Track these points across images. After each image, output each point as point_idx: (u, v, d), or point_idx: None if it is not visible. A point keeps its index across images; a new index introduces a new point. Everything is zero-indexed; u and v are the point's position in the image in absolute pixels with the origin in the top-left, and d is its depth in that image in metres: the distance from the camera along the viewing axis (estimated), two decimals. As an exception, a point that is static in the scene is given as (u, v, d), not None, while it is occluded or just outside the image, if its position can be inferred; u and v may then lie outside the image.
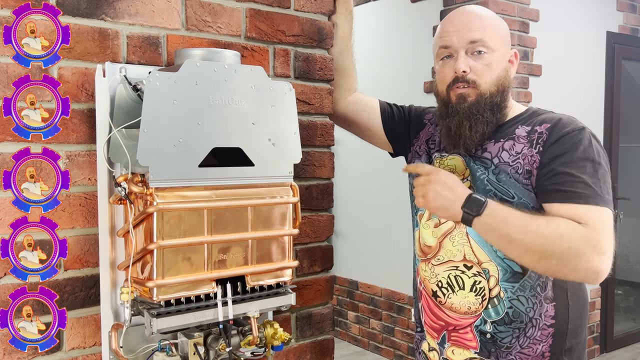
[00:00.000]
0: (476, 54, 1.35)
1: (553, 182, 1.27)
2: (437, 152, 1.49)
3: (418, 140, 1.58)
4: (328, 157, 1.56)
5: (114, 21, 1.21)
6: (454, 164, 1.43)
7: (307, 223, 1.50)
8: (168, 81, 1.07)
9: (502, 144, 1.36)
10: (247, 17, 1.39)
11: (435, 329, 1.47)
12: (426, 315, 1.50)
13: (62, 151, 1.16)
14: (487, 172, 1.35)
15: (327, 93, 1.56)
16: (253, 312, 1.16)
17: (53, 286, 1.16)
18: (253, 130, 1.17)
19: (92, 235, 1.20)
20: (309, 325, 1.54)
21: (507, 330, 1.36)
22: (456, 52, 1.37)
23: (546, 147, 1.30)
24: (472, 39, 1.35)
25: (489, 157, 1.37)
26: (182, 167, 1.08)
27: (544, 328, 1.36)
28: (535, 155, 1.31)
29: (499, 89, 1.37)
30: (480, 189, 1.35)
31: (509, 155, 1.34)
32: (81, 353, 1.20)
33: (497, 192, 1.33)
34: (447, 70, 1.39)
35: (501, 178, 1.33)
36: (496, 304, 1.36)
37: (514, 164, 1.33)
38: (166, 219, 1.06)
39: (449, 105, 1.39)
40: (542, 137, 1.32)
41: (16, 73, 1.11)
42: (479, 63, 1.35)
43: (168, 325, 1.08)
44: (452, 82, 1.37)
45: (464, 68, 1.35)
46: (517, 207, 1.28)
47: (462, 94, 1.36)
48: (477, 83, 1.35)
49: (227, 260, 1.14)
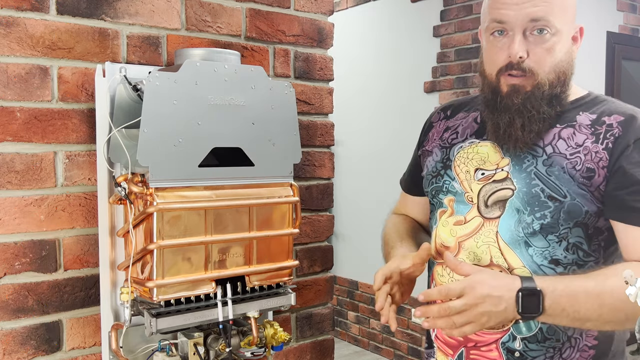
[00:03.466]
0: (536, 33, 1.12)
1: (632, 199, 1.08)
2: (463, 142, 1.27)
3: (429, 141, 1.37)
4: (328, 157, 1.56)
5: (114, 21, 1.21)
6: (486, 152, 1.23)
7: (307, 223, 1.50)
8: (168, 81, 1.07)
9: (559, 131, 1.16)
10: (247, 17, 1.39)
11: (451, 345, 1.24)
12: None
13: (62, 151, 1.16)
14: (535, 162, 1.15)
15: (327, 93, 1.55)
16: (253, 312, 1.16)
17: (53, 286, 1.16)
18: (253, 130, 1.17)
19: (92, 235, 1.20)
20: (309, 326, 1.54)
21: (539, 349, 1.15)
22: (512, 30, 1.13)
23: (618, 146, 1.11)
24: (534, 16, 1.10)
25: (541, 144, 1.16)
26: (182, 167, 1.08)
27: (584, 350, 1.17)
28: (601, 152, 1.12)
29: (560, 78, 1.15)
30: (524, 182, 1.15)
31: (567, 145, 1.14)
32: (81, 353, 1.20)
33: (546, 187, 1.13)
34: (500, 51, 1.15)
35: (553, 171, 1.13)
36: None
37: (572, 158, 1.13)
38: (166, 219, 1.06)
39: (498, 95, 1.17)
40: (613, 132, 1.12)
41: (16, 73, 1.11)
42: (539, 47, 1.12)
43: (168, 326, 1.08)
44: (504, 67, 1.15)
45: (521, 53, 1.12)
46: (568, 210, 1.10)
47: (515, 85, 1.14)
48: (534, 72, 1.13)
49: (227, 260, 1.14)
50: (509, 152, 1.18)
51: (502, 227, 1.16)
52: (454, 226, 1.23)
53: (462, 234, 1.20)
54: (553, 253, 1.12)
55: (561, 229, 1.12)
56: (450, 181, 1.25)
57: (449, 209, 1.25)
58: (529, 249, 1.14)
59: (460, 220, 1.22)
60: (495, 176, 1.19)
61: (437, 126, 1.37)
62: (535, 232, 1.13)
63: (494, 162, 1.20)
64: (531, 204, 1.14)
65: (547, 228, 1.12)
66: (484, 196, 1.19)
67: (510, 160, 1.18)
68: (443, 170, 1.28)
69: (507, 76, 1.15)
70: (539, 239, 1.13)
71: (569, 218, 1.12)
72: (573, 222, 1.12)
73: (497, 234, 1.16)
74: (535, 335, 1.15)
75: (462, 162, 1.26)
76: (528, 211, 1.14)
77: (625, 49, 4.21)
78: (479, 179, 1.21)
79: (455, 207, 1.24)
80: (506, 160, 1.19)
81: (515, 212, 1.15)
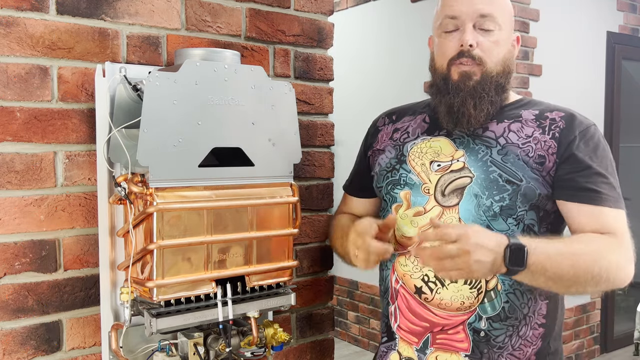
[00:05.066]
0: (484, 27, 1.26)
1: (585, 181, 1.22)
2: (415, 139, 1.37)
3: (378, 141, 1.45)
4: (328, 157, 1.56)
5: (114, 21, 1.21)
6: (439, 146, 1.32)
7: (307, 223, 1.50)
8: (168, 81, 1.07)
9: (507, 125, 1.30)
10: (247, 17, 1.39)
11: (415, 333, 1.31)
12: (402, 317, 1.33)
13: (62, 151, 1.16)
14: (489, 152, 1.27)
15: (327, 93, 1.55)
16: (253, 312, 1.16)
17: (53, 286, 1.16)
18: (253, 130, 1.17)
19: (92, 235, 1.20)
20: (309, 325, 1.53)
21: (501, 327, 1.26)
22: (463, 25, 1.26)
23: (565, 137, 1.25)
24: (483, 12, 1.25)
25: (493, 137, 1.29)
26: (182, 167, 1.08)
27: (535, 327, 1.28)
28: (549, 141, 1.26)
29: (505, 70, 1.29)
30: (482, 169, 1.26)
31: (518, 137, 1.27)
32: (81, 353, 1.20)
33: (503, 173, 1.24)
34: (451, 43, 1.27)
35: (508, 159, 1.25)
36: (493, 297, 1.25)
37: (524, 147, 1.26)
38: (166, 219, 1.06)
39: (449, 82, 1.28)
40: (557, 124, 1.27)
41: (16, 73, 1.11)
42: (487, 39, 1.26)
43: (168, 326, 1.08)
44: (456, 55, 1.27)
45: (472, 41, 1.24)
46: (524, 192, 1.22)
47: (466, 71, 1.26)
48: (483, 60, 1.26)
49: (227, 260, 1.14)
50: (462, 145, 1.30)
51: (462, 213, 1.25)
52: (414, 217, 1.30)
53: (423, 224, 1.28)
54: (512, 236, 1.18)
55: (518, 210, 1.23)
56: (407, 174, 1.33)
57: (404, 202, 1.32)
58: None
59: (420, 211, 1.29)
60: (451, 167, 1.29)
61: (384, 129, 1.46)
62: (496, 214, 1.23)
63: (448, 154, 1.30)
64: (489, 189, 1.24)
65: (506, 210, 1.23)
66: (441, 186, 1.28)
67: (465, 152, 1.29)
68: (398, 164, 1.36)
69: (459, 64, 1.26)
70: (500, 222, 1.23)
71: (525, 200, 1.23)
72: (528, 204, 1.24)
73: (459, 220, 1.25)
74: (499, 314, 1.25)
75: (417, 156, 1.35)
76: (486, 195, 1.24)
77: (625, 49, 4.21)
78: (436, 170, 1.30)
79: (413, 199, 1.31)
80: (460, 152, 1.30)
81: (474, 197, 1.25)
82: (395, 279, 1.33)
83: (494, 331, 1.26)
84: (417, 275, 1.29)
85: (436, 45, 1.33)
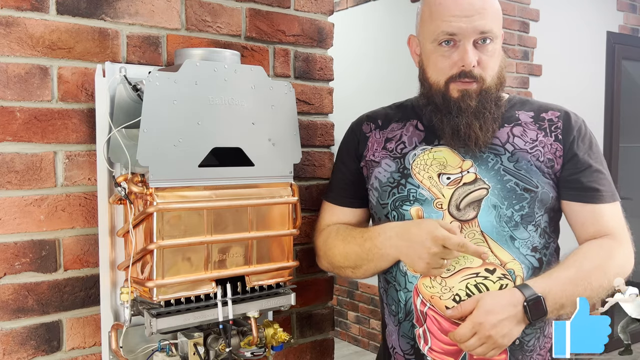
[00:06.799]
0: (482, 42, 1.22)
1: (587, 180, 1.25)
2: (414, 149, 1.30)
3: (369, 150, 1.36)
4: (328, 157, 1.56)
5: (113, 21, 1.21)
6: (443, 157, 1.27)
7: (307, 223, 1.50)
8: (168, 81, 1.07)
9: (509, 129, 1.27)
10: (247, 17, 1.39)
11: (451, 353, 1.24)
12: (434, 339, 1.25)
13: (62, 151, 1.16)
14: (500, 160, 1.24)
15: (327, 93, 1.55)
16: (253, 312, 1.16)
17: (53, 286, 1.16)
18: (253, 130, 1.17)
19: (92, 235, 1.20)
20: (309, 325, 1.53)
21: (532, 332, 1.24)
22: (461, 41, 1.21)
23: (567, 137, 1.27)
24: (483, 29, 1.20)
25: (499, 144, 1.26)
26: (182, 167, 1.08)
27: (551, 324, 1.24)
28: (555, 144, 1.26)
29: (500, 81, 1.27)
30: (496, 179, 1.22)
31: (524, 142, 1.26)
32: (81, 353, 1.20)
33: (519, 181, 1.22)
34: (448, 60, 1.22)
35: (521, 166, 1.23)
36: None
37: (533, 152, 1.25)
38: (166, 219, 1.06)
39: (449, 101, 1.24)
40: (557, 125, 1.28)
41: (16, 73, 1.11)
42: (484, 54, 1.22)
43: (168, 326, 1.08)
44: (457, 75, 1.22)
45: (474, 63, 1.21)
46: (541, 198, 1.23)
47: (467, 90, 1.22)
48: (483, 77, 1.23)
49: (227, 260, 1.14)
50: (469, 154, 1.26)
51: (483, 226, 1.22)
52: None
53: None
54: (533, 242, 1.23)
55: (536, 216, 1.23)
56: (416, 189, 1.27)
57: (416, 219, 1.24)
58: (514, 242, 1.22)
59: None
60: (463, 179, 1.24)
61: (372, 136, 1.38)
62: (517, 223, 1.22)
63: (455, 165, 1.26)
64: (508, 198, 1.22)
65: (526, 217, 1.22)
66: (456, 200, 1.24)
67: (473, 161, 1.25)
68: (403, 179, 1.28)
69: (459, 82, 1.23)
70: (522, 231, 1.22)
71: (541, 205, 1.24)
72: (544, 208, 1.24)
73: (482, 233, 1.22)
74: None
75: (422, 168, 1.28)
76: (506, 205, 1.22)
77: (625, 49, 4.21)
78: (447, 184, 1.25)
79: (426, 216, 1.25)
80: (469, 162, 1.26)
81: (492, 208, 1.22)
82: (421, 301, 1.25)
83: (527, 337, 1.24)
84: (447, 295, 1.22)
85: (428, 55, 1.27)
